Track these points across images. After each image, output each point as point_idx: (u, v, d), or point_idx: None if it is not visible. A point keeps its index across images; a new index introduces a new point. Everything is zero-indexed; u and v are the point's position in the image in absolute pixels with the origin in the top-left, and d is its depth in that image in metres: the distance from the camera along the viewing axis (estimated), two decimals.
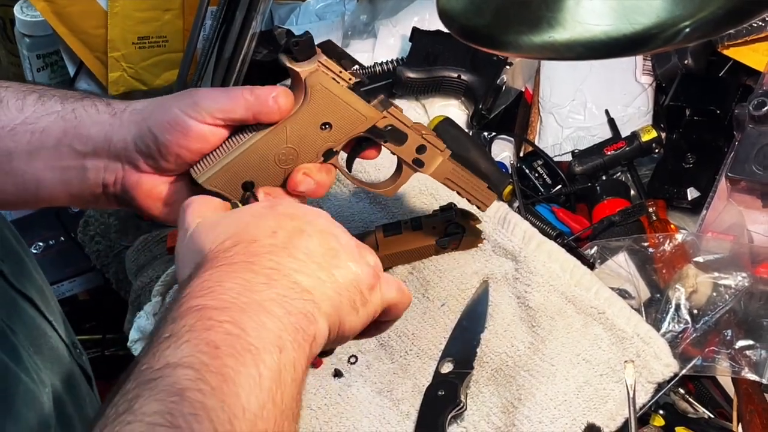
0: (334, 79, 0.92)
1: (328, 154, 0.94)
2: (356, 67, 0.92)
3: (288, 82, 0.94)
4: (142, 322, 1.14)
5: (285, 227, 0.73)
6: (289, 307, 0.66)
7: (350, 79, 0.92)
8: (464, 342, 1.04)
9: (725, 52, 1.25)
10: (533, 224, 1.12)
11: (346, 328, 0.72)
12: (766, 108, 1.12)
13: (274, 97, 0.89)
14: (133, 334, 1.15)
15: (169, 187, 0.92)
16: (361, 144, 0.97)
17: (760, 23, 1.20)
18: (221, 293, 0.64)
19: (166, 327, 0.63)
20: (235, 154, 0.90)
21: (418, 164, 0.99)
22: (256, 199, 0.90)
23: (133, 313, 1.22)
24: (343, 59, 0.95)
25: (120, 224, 1.39)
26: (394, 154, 0.99)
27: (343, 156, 0.98)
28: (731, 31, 1.20)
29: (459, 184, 1.02)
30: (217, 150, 0.90)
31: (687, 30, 0.71)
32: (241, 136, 0.90)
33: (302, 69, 0.91)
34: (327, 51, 0.94)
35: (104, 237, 1.40)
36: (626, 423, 0.93)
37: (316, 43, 0.92)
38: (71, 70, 1.65)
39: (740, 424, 0.95)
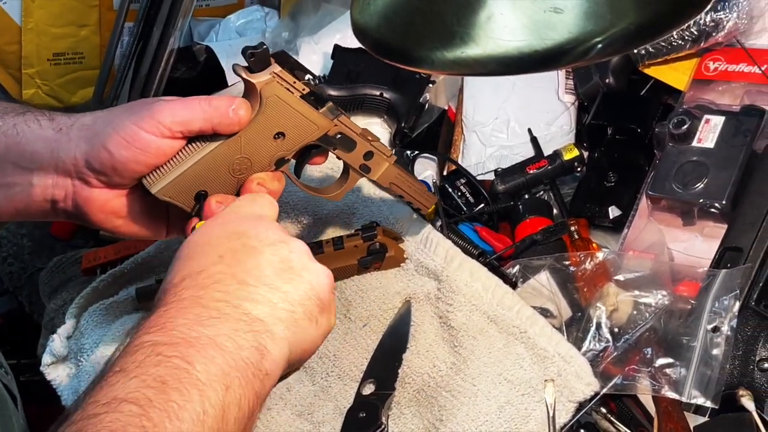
0: (288, 89, 0.93)
1: (280, 163, 0.95)
2: (308, 77, 0.94)
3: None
4: (56, 345, 1.12)
5: (233, 248, 0.72)
6: (240, 341, 0.66)
7: (303, 89, 0.94)
8: (386, 363, 1.03)
9: (646, 70, 1.26)
10: (456, 243, 1.11)
11: (307, 343, 0.72)
12: (685, 126, 1.13)
13: (234, 109, 0.89)
14: (46, 358, 1.12)
15: (123, 200, 0.91)
16: (310, 151, 0.99)
17: (680, 42, 1.21)
18: (172, 329, 0.65)
19: (117, 361, 0.63)
20: (189, 164, 0.90)
21: (365, 170, 1.01)
22: (203, 211, 0.90)
23: (46, 337, 1.20)
24: (296, 69, 0.96)
25: (33, 245, 1.36)
26: (341, 160, 1.00)
27: (291, 163, 0.99)
28: (650, 48, 1.22)
29: (403, 188, 1.04)
30: (171, 160, 0.89)
31: (599, 45, 0.72)
32: (195, 145, 0.90)
33: (257, 80, 0.91)
34: (281, 61, 0.95)
35: (17, 258, 1.37)
36: None
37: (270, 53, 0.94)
38: None
39: None
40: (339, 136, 0.97)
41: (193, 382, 0.63)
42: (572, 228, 1.14)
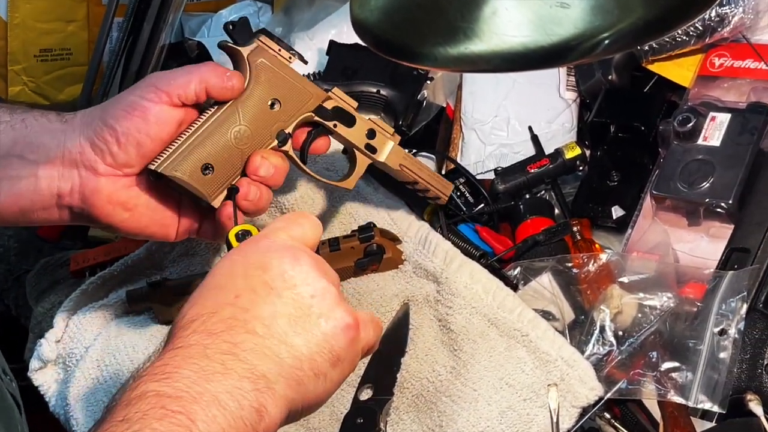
0: (274, 55, 0.96)
1: (281, 136, 0.96)
2: (294, 51, 0.97)
3: None
4: (44, 350, 1.11)
5: (251, 286, 0.71)
6: (242, 400, 0.66)
7: (290, 57, 0.98)
8: (384, 367, 1.02)
9: (650, 67, 1.25)
10: (456, 244, 1.10)
11: (312, 399, 0.71)
12: (690, 124, 1.11)
13: (228, 76, 0.93)
14: (33, 363, 1.12)
15: (130, 191, 0.92)
16: (311, 133, 1.00)
17: (684, 38, 1.19)
18: (177, 380, 0.65)
19: (121, 410, 0.63)
20: (192, 136, 0.92)
21: (371, 150, 1.02)
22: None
23: (33, 341, 1.20)
24: (281, 43, 0.98)
25: (20, 246, 1.36)
26: (345, 142, 1.02)
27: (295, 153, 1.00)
28: (653, 44, 1.21)
29: (414, 170, 1.06)
30: (173, 142, 0.92)
31: (606, 41, 0.70)
32: (196, 121, 0.93)
33: (243, 48, 0.96)
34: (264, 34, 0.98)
35: (3, 260, 1.37)
36: None
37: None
38: None
39: None
40: (336, 109, 1.00)
41: None
42: (574, 228, 1.13)
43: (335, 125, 1.00)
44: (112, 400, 0.68)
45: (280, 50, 0.97)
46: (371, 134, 1.02)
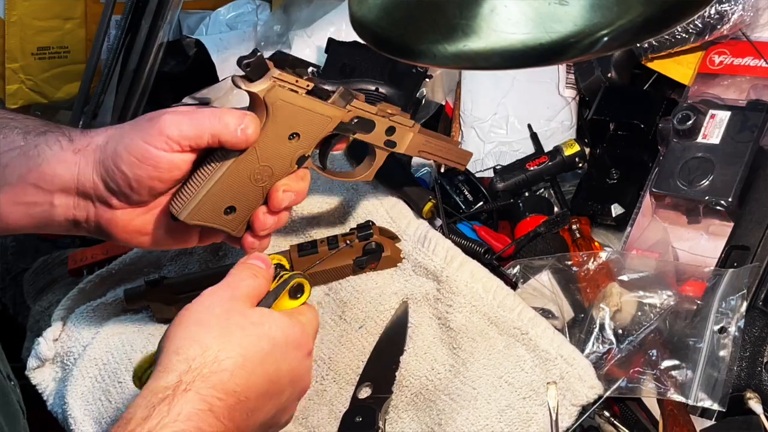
0: (291, 90, 0.92)
1: (301, 160, 0.96)
2: (311, 69, 0.95)
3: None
4: (42, 348, 1.11)
5: (264, 395, 0.80)
6: None
7: (308, 85, 0.93)
8: (383, 365, 1.02)
9: (649, 64, 1.25)
10: (458, 242, 1.10)
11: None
12: (690, 122, 1.11)
13: (243, 129, 0.89)
14: (31, 362, 1.11)
15: (145, 218, 0.92)
16: (331, 140, 1.00)
17: (684, 35, 1.19)
18: None
19: None
20: (210, 183, 0.91)
21: (391, 145, 1.02)
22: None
23: (31, 340, 1.19)
24: (297, 67, 0.98)
25: (17, 245, 1.36)
26: (365, 142, 1.01)
27: (315, 153, 0.99)
28: (653, 41, 1.20)
29: (433, 152, 1.06)
30: (191, 181, 0.90)
31: (605, 38, 0.70)
32: (212, 164, 0.91)
33: (259, 89, 0.91)
34: (279, 63, 0.94)
35: (0, 259, 1.36)
36: None
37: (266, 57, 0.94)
38: None
39: None
40: (356, 120, 0.98)
41: None
42: (574, 226, 1.13)
43: (354, 133, 0.99)
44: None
45: (297, 81, 0.93)
46: (390, 131, 1.01)
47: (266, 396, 0.80)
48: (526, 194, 1.22)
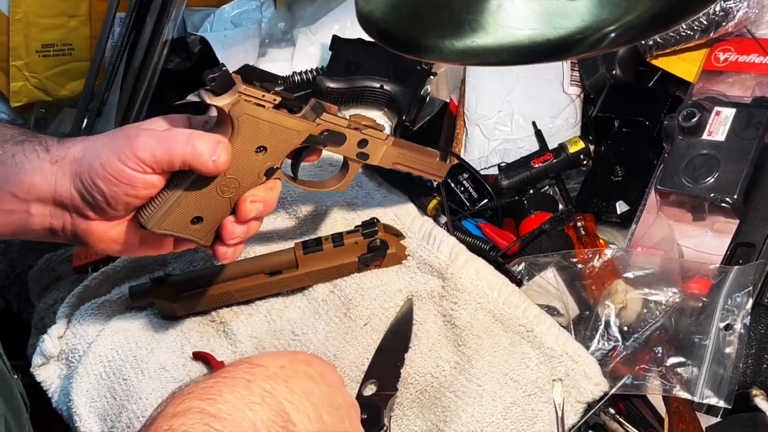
0: (257, 104, 0.92)
1: (270, 172, 0.95)
2: (279, 83, 0.95)
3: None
4: (46, 346, 1.11)
5: (295, 367, 0.83)
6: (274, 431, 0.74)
7: (275, 99, 0.93)
8: (388, 363, 1.01)
9: (654, 62, 1.25)
10: (463, 240, 1.10)
11: None
12: (695, 119, 1.11)
13: (215, 160, 0.90)
14: (36, 359, 1.11)
15: (121, 228, 0.93)
16: (302, 152, 0.99)
17: (689, 32, 1.19)
18: (221, 405, 0.73)
19: (165, 421, 0.70)
20: (177, 194, 0.91)
21: (363, 157, 1.02)
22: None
23: (36, 337, 1.19)
24: (264, 81, 0.95)
25: (21, 242, 1.35)
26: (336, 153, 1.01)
27: (287, 163, 0.99)
28: (658, 39, 1.20)
29: (408, 165, 1.06)
30: (160, 193, 0.91)
31: (613, 34, 0.70)
32: (180, 176, 0.91)
33: (224, 102, 0.91)
34: (246, 76, 0.94)
35: (5, 256, 1.36)
36: None
37: (232, 71, 0.93)
38: None
39: None
40: (326, 133, 0.98)
41: None
42: (579, 224, 1.12)
43: (325, 145, 0.99)
44: (153, 411, 0.76)
45: (263, 96, 0.92)
46: (363, 143, 1.01)
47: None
48: (531, 191, 1.21)
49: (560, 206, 1.19)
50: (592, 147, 1.21)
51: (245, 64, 0.93)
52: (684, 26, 1.19)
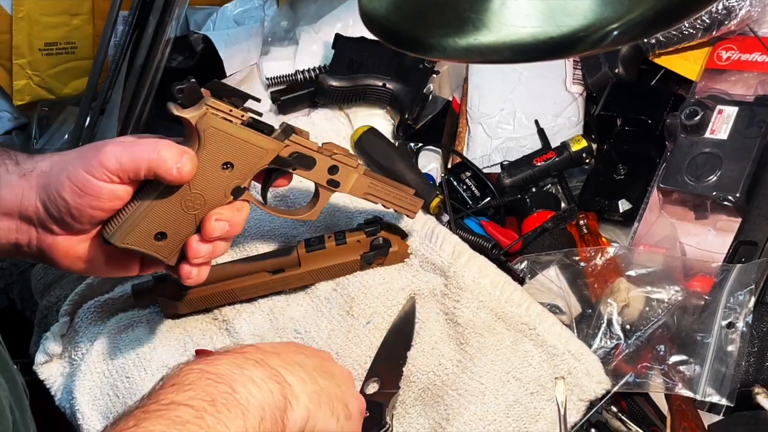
0: (225, 119, 0.91)
1: (237, 192, 0.94)
2: (247, 107, 0.94)
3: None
4: (49, 343, 1.11)
5: (287, 348, 0.85)
6: (271, 387, 0.78)
7: (243, 116, 0.92)
8: (390, 361, 1.02)
9: (657, 60, 1.25)
10: (466, 238, 1.10)
11: (321, 428, 0.81)
12: (698, 117, 1.11)
13: (179, 168, 0.89)
14: (39, 357, 1.11)
15: (86, 245, 0.92)
16: (271, 174, 0.98)
17: (691, 31, 1.19)
18: (218, 365, 0.77)
19: (168, 379, 0.75)
20: (141, 209, 0.90)
21: (334, 185, 1.00)
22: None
23: (39, 335, 1.19)
24: (234, 97, 0.93)
25: None
26: (306, 178, 0.99)
27: (257, 187, 0.99)
28: (660, 37, 1.20)
29: (380, 196, 1.04)
30: (125, 207, 0.90)
31: (615, 32, 0.70)
32: (146, 190, 0.90)
33: (191, 115, 0.90)
34: (215, 91, 0.93)
35: None
36: None
37: (203, 86, 0.93)
38: None
39: None
40: (295, 155, 0.97)
41: (238, 405, 0.73)
42: (581, 222, 1.12)
43: (294, 168, 0.97)
44: (157, 383, 0.76)
45: (231, 111, 0.91)
46: (333, 170, 0.99)
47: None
48: (534, 190, 1.21)
49: (563, 204, 1.19)
50: (594, 145, 1.21)
51: (215, 80, 0.92)
52: (687, 24, 1.18)
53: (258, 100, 1.00)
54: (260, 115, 0.95)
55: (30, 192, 0.89)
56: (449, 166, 1.27)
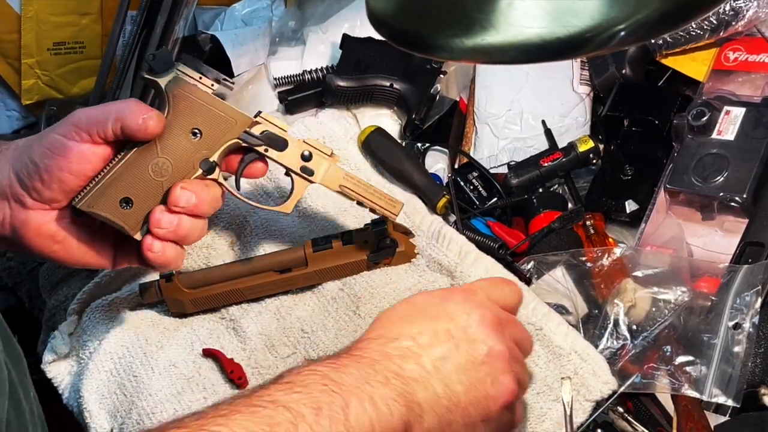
0: (194, 85, 0.95)
1: (206, 165, 0.95)
2: (217, 78, 0.96)
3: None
4: (57, 342, 1.11)
5: (435, 329, 0.78)
6: (394, 410, 0.73)
7: (212, 85, 0.96)
8: None
9: (664, 61, 1.24)
10: (472, 238, 1.10)
11: None
12: (705, 118, 1.11)
13: (145, 118, 0.91)
14: (47, 356, 1.11)
15: (58, 223, 0.92)
16: (243, 159, 0.99)
17: (699, 31, 1.19)
18: (344, 373, 0.73)
19: (289, 376, 0.73)
20: (110, 174, 0.92)
21: (307, 172, 1.01)
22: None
23: (47, 333, 1.19)
24: (206, 72, 0.97)
25: None
26: (279, 164, 1.00)
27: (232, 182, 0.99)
28: (667, 38, 1.20)
29: (356, 191, 1.04)
30: (96, 177, 0.92)
31: (622, 33, 0.70)
32: (117, 158, 0.92)
33: (161, 79, 0.94)
34: (188, 63, 0.96)
35: (16, 253, 1.34)
36: None
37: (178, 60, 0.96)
38: None
39: None
40: (265, 133, 0.98)
41: (342, 421, 0.70)
42: (588, 222, 1.12)
43: (266, 150, 0.98)
44: (280, 375, 0.74)
45: (201, 78, 0.95)
46: (307, 156, 1.00)
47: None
48: (540, 190, 1.21)
49: (569, 205, 1.19)
50: (601, 146, 1.21)
51: (192, 57, 0.96)
52: (694, 25, 1.18)
53: (231, 83, 1.02)
54: (230, 88, 0.99)
55: (4, 165, 0.91)
56: (456, 166, 1.26)
